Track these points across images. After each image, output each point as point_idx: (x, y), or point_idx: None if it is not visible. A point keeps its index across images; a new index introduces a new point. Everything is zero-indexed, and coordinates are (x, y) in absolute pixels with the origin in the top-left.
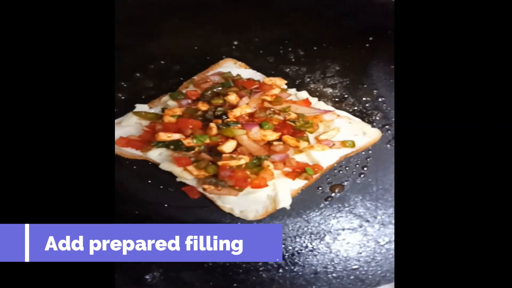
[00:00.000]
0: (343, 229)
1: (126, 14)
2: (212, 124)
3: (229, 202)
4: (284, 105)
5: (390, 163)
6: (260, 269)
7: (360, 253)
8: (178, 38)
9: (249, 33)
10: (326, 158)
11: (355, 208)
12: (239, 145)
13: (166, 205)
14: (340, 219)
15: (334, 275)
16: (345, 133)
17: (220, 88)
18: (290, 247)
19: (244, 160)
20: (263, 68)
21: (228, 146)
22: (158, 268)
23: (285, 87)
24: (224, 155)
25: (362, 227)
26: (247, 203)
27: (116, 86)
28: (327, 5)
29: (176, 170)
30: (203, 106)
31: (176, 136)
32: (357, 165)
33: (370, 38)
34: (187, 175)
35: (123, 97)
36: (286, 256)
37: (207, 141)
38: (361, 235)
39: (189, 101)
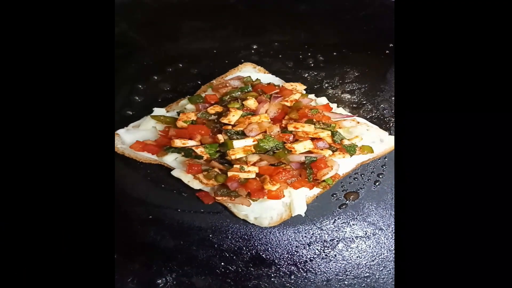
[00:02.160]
0: (357, 237)
1: (144, 16)
2: (220, 136)
3: (244, 209)
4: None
5: None
6: (272, 275)
7: (373, 261)
8: (197, 41)
9: (268, 37)
10: (343, 165)
11: (369, 216)
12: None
13: (179, 210)
14: (354, 227)
15: (345, 282)
16: (362, 140)
17: (239, 93)
18: (302, 254)
19: (253, 174)
20: (281, 73)
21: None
22: (171, 273)
23: (304, 92)
24: (234, 166)
25: (375, 235)
26: (262, 210)
27: (133, 88)
28: (347, 11)
29: (185, 178)
30: (212, 110)
31: (191, 143)
32: (373, 173)
33: (390, 45)
34: (196, 184)
35: (139, 100)
36: (299, 263)
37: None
38: (375, 243)
39: (207, 105)
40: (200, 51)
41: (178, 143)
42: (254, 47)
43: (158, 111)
